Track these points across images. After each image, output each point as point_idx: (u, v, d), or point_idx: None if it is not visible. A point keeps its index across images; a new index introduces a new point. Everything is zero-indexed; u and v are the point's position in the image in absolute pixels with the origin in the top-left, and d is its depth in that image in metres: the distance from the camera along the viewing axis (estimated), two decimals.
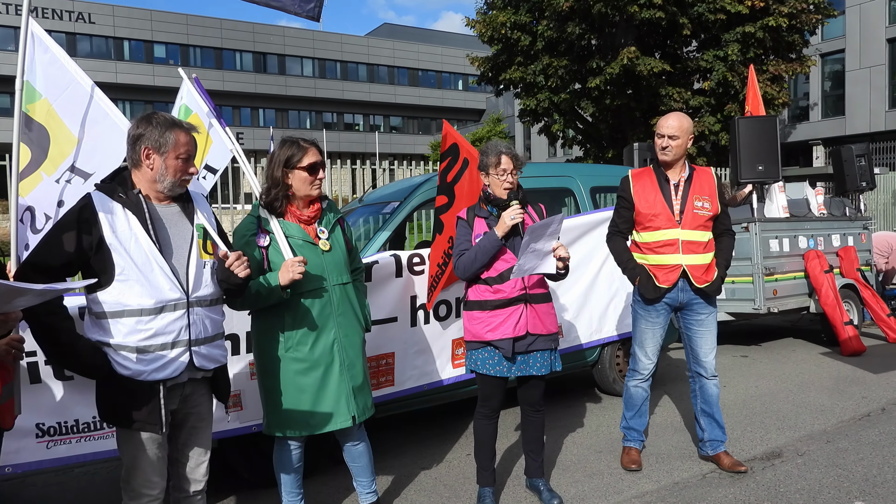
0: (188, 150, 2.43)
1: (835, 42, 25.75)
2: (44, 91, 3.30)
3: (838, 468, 3.72)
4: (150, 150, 2.39)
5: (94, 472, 4.31)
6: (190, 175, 2.46)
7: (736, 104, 16.16)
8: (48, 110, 3.31)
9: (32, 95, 3.30)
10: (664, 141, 3.69)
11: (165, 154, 2.38)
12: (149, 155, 2.39)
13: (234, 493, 3.78)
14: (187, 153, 2.42)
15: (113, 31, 39.33)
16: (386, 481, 3.83)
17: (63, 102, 3.30)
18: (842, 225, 7.56)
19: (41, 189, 3.30)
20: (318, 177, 2.93)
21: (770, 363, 6.51)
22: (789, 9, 15.84)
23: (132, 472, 2.41)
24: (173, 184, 2.43)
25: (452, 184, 3.84)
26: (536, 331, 3.30)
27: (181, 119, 3.34)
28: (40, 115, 3.29)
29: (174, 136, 2.39)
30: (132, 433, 2.37)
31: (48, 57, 3.33)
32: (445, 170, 3.85)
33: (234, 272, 2.47)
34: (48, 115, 3.30)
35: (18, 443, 2.92)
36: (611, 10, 15.43)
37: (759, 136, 6.52)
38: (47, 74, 3.31)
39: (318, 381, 2.91)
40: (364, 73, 47.46)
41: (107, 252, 2.28)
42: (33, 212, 3.29)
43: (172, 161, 2.39)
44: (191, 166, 2.45)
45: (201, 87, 3.55)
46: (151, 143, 2.38)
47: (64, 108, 3.30)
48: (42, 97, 3.29)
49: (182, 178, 2.44)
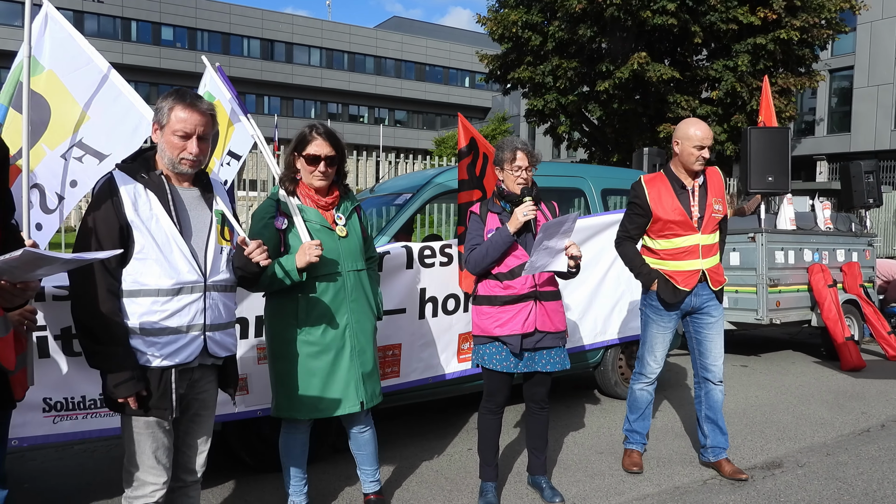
0: (184, 126, 2.31)
1: (844, 58, 25.76)
2: (49, 64, 3.29)
3: (838, 481, 3.73)
4: (156, 124, 2.37)
5: (94, 449, 4.29)
6: (191, 155, 2.34)
7: (743, 115, 16.14)
8: (49, 81, 3.29)
9: (35, 68, 3.28)
10: (706, 152, 3.63)
11: (164, 129, 2.34)
12: (156, 130, 2.38)
13: (234, 478, 3.77)
14: (183, 130, 2.31)
15: (121, 10, 39.18)
16: (388, 472, 3.83)
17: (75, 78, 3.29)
18: (847, 240, 7.57)
19: (46, 164, 3.28)
20: (317, 168, 2.87)
21: (770, 374, 6.52)
22: (801, 23, 15.81)
23: (137, 458, 2.32)
24: (171, 161, 2.35)
25: (481, 178, 3.82)
26: (545, 328, 3.30)
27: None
28: (40, 86, 3.27)
29: (172, 111, 2.33)
30: (139, 418, 2.30)
31: (63, 35, 3.33)
32: (471, 164, 3.83)
33: (252, 260, 2.43)
34: (48, 87, 3.28)
35: (25, 416, 2.90)
36: (623, 14, 15.41)
37: (771, 147, 6.52)
38: (58, 50, 3.31)
39: (328, 365, 2.91)
40: (371, 65, 47.38)
41: (128, 230, 2.26)
42: (42, 191, 3.26)
43: (170, 137, 2.33)
44: (189, 145, 2.33)
45: (224, 74, 3.54)
46: (157, 117, 2.37)
47: (75, 82, 3.28)
48: (45, 69, 3.28)
49: (179, 156, 2.34)
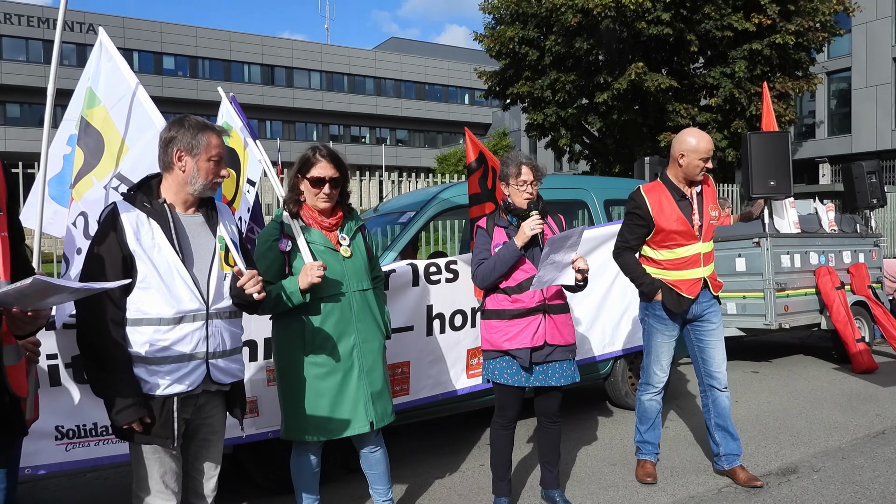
0: (219, 152, 2.45)
1: (841, 60, 25.88)
2: (103, 98, 3.41)
3: (855, 485, 3.70)
4: (183, 151, 2.40)
5: (106, 477, 4.30)
6: (221, 178, 2.48)
7: (742, 121, 16.18)
8: (105, 117, 3.40)
9: (92, 101, 3.41)
10: (709, 163, 3.64)
11: (197, 156, 2.40)
12: (181, 157, 2.40)
13: (247, 500, 3.77)
14: (219, 155, 2.44)
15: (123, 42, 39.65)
16: (400, 490, 3.81)
17: (119, 109, 3.39)
18: (853, 241, 7.55)
19: (92, 193, 3.37)
20: (322, 190, 2.88)
21: (781, 379, 6.48)
22: (796, 27, 15.89)
23: (145, 483, 2.34)
24: (205, 186, 2.44)
25: (493, 190, 3.84)
26: (554, 341, 3.30)
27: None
28: (97, 120, 3.39)
29: (206, 137, 2.41)
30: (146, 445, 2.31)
31: (111, 66, 3.43)
32: (482, 178, 3.86)
33: (246, 292, 2.39)
34: (105, 122, 3.40)
35: (37, 444, 2.92)
36: (619, 25, 15.53)
37: (771, 152, 6.53)
38: (108, 82, 3.42)
39: (336, 385, 2.91)
40: (371, 86, 47.73)
41: (130, 259, 2.28)
42: (87, 217, 3.35)
43: (204, 163, 2.41)
44: (222, 168, 2.47)
45: (237, 103, 3.62)
46: (184, 145, 2.40)
47: (119, 114, 3.39)
48: (101, 104, 3.40)
49: (213, 180, 2.45)
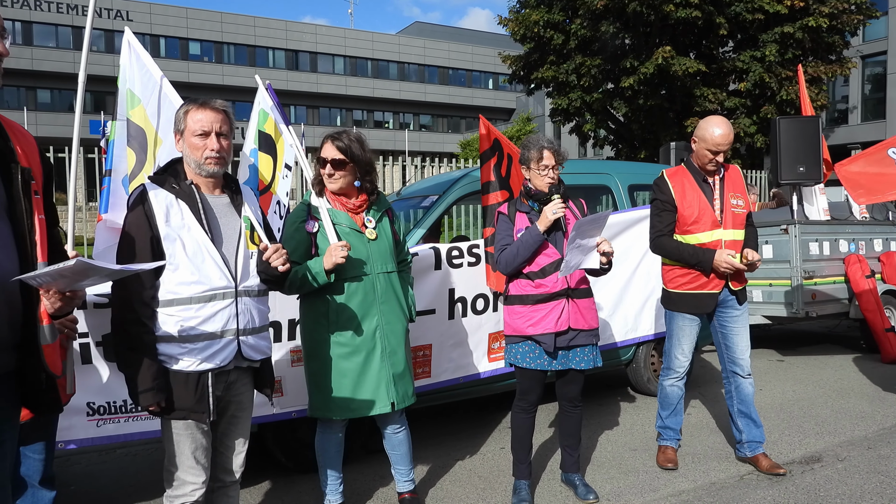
0: (201, 125, 2.39)
1: (877, 44, 25.13)
2: (141, 96, 3.54)
3: (880, 475, 3.65)
4: (177, 134, 2.46)
5: (135, 453, 4.42)
6: (214, 151, 2.39)
7: (772, 105, 15.86)
8: (144, 115, 3.53)
9: (133, 102, 3.53)
10: (720, 157, 3.60)
11: (184, 134, 2.43)
12: (178, 140, 2.46)
13: (271, 478, 3.84)
14: (201, 129, 2.39)
15: (150, 27, 40.05)
16: (422, 471, 3.86)
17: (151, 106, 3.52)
18: (885, 229, 7.37)
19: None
20: (324, 170, 2.94)
21: (807, 368, 6.39)
22: (830, 9, 15.50)
23: (177, 459, 2.39)
24: (198, 163, 2.41)
25: (507, 178, 3.83)
26: (578, 326, 3.29)
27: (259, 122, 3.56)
28: (140, 119, 3.51)
29: (188, 115, 2.42)
30: (178, 420, 2.37)
31: (139, 63, 3.56)
32: (497, 165, 3.86)
33: (271, 265, 2.45)
34: (145, 121, 3.52)
35: (70, 420, 3.02)
36: (646, 8, 15.27)
37: (801, 137, 6.39)
38: (141, 80, 3.53)
39: (359, 366, 2.95)
40: (395, 71, 47.65)
41: (160, 241, 2.32)
42: None
43: (190, 139, 2.41)
44: (210, 142, 2.39)
45: (272, 91, 3.66)
46: (176, 127, 2.46)
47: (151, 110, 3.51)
48: (140, 103, 3.53)
49: (205, 154, 2.39)
